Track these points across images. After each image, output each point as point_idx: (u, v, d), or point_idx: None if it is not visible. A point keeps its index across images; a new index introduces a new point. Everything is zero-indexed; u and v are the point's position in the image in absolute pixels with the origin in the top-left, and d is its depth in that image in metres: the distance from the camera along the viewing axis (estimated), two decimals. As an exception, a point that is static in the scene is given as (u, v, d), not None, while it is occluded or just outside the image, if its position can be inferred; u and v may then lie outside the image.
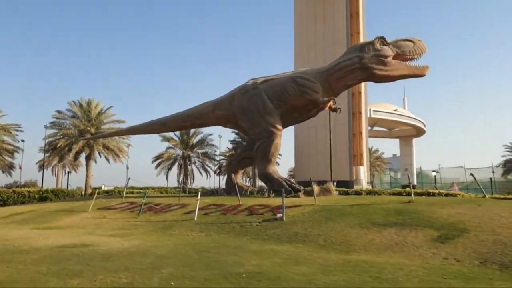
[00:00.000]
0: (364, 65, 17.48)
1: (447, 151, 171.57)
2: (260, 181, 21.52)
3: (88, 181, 38.48)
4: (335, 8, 39.87)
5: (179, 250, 8.62)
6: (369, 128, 49.39)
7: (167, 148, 50.73)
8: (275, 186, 17.76)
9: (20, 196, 26.73)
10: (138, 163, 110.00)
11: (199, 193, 16.25)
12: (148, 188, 33.86)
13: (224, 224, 12.36)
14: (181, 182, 47.22)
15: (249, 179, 62.68)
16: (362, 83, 34.12)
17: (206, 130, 51.67)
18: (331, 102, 18.88)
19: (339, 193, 20.06)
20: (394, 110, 58.80)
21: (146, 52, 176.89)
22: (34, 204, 23.15)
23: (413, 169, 62.71)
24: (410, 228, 9.65)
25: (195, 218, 13.49)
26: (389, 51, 17.38)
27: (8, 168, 44.44)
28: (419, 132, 67.52)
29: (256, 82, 19.34)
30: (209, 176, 53.23)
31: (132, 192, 28.40)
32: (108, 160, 40.16)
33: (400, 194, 19.84)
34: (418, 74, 17.89)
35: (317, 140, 38.65)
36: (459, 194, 20.26)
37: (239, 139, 50.62)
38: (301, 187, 18.05)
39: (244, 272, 6.19)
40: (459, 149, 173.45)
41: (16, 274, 6.18)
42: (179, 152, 50.57)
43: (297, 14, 42.62)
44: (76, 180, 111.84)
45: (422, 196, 17.43)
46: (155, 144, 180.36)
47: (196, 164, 52.23)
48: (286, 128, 19.95)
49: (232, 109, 19.57)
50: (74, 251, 8.37)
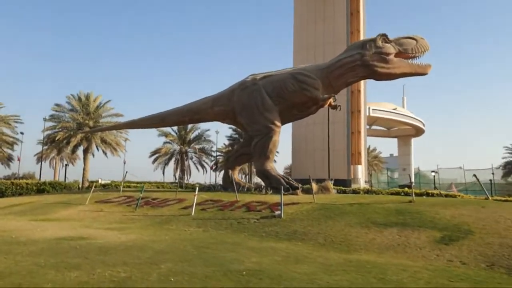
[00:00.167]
0: (366, 63, 17.32)
1: (446, 152, 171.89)
2: (257, 178, 21.40)
3: (86, 174, 38.37)
4: (336, 6, 39.74)
5: (177, 245, 8.53)
6: (368, 127, 49.38)
7: (164, 143, 50.69)
8: (273, 183, 17.62)
9: (18, 188, 27.00)
10: (135, 158, 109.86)
11: (197, 189, 16.14)
12: (145, 183, 33.85)
13: (222, 220, 12.26)
14: (178, 177, 47.16)
15: (246, 176, 62.66)
16: (362, 81, 34.08)
17: (204, 126, 51.86)
18: (331, 100, 18.69)
19: (337, 192, 20.00)
20: (393, 109, 58.75)
21: (146, 50, 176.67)
22: (32, 196, 23.25)
23: (411, 169, 62.70)
24: (412, 229, 9.51)
25: (193, 213, 13.41)
26: (391, 49, 17.21)
27: (7, 160, 44.38)
28: (418, 132, 67.53)
29: (256, 78, 19.16)
30: (206, 172, 53.46)
31: (129, 186, 28.33)
32: (106, 154, 40.09)
33: (399, 194, 19.86)
34: (420, 73, 17.74)
35: (315, 138, 38.58)
36: (458, 195, 20.24)
37: (236, 135, 50.60)
38: (299, 185, 17.93)
39: (244, 270, 6.08)
40: (458, 150, 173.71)
41: (14, 266, 6.11)
42: (177, 147, 50.50)
43: (297, 13, 42.47)
44: (73, 173, 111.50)
45: (423, 197, 17.37)
46: (152, 139, 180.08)
47: (193, 160, 52.31)
48: (284, 125, 19.78)
49: (231, 105, 19.40)
50: (72, 244, 8.31)
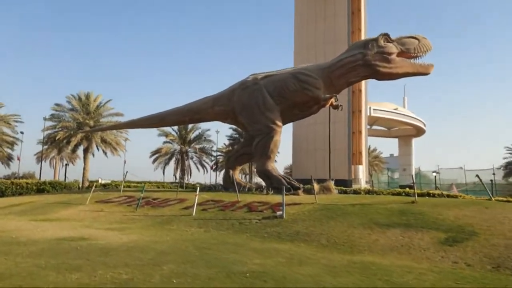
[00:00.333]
0: (368, 62, 17.25)
1: (446, 152, 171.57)
2: (257, 178, 21.30)
3: (86, 174, 38.25)
4: (337, 5, 39.64)
5: (179, 246, 8.44)
6: (368, 127, 49.26)
7: (165, 143, 50.60)
8: (274, 183, 17.55)
9: (18, 188, 26.90)
10: (135, 157, 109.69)
11: (198, 189, 16.07)
12: (145, 183, 33.78)
13: (223, 221, 12.18)
14: (178, 177, 47.06)
15: (246, 176, 62.55)
16: (363, 81, 33.96)
17: (204, 126, 51.77)
18: (333, 99, 18.62)
19: (338, 192, 19.93)
20: (394, 109, 58.57)
21: (146, 49, 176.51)
22: (32, 196, 23.20)
23: (412, 169, 62.65)
24: (416, 230, 9.43)
25: (194, 214, 13.32)
26: (393, 48, 17.15)
27: (7, 160, 44.26)
28: (419, 132, 67.37)
29: (257, 78, 19.08)
30: (206, 172, 53.32)
31: (129, 186, 28.25)
32: (106, 154, 39.96)
33: (399, 194, 19.77)
34: (423, 73, 17.68)
35: (316, 138, 38.49)
36: (459, 196, 20.16)
37: (237, 135, 50.51)
38: (301, 185, 17.85)
39: (248, 271, 6.00)
40: (459, 150, 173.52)
41: (14, 267, 6.01)
42: (177, 147, 50.41)
43: (298, 12, 42.37)
44: (73, 173, 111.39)
45: (425, 197, 17.29)
46: (152, 139, 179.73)
47: (193, 160, 52.22)
48: (284, 125, 19.70)
49: (232, 105, 19.32)
50: (73, 244, 8.20)
